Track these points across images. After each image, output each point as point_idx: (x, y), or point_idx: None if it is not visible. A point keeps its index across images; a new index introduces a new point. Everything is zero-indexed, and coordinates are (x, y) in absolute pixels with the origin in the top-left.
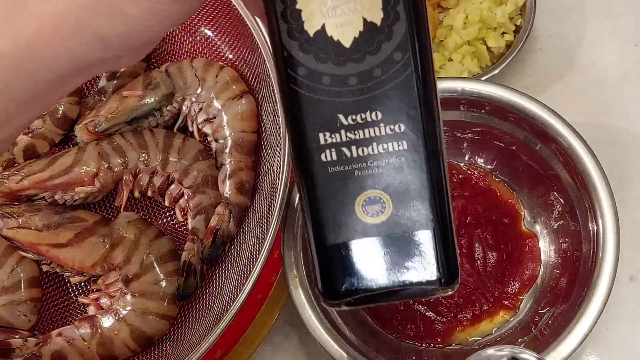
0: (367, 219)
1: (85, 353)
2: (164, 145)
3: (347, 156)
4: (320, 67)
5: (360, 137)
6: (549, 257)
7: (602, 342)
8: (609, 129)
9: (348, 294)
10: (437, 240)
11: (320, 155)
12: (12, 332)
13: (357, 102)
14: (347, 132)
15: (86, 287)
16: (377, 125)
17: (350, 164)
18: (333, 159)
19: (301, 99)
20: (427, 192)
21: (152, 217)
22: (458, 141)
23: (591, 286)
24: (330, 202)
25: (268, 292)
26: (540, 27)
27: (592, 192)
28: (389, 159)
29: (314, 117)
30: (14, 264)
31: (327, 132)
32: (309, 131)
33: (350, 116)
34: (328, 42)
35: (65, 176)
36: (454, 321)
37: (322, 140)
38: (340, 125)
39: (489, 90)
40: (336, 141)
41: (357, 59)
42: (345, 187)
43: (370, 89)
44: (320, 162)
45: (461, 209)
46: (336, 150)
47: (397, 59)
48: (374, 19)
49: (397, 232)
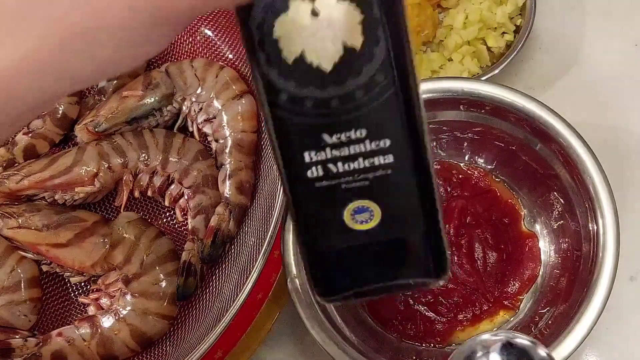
0: (356, 227)
1: (85, 353)
2: (164, 145)
3: (333, 172)
4: (302, 92)
5: (345, 154)
6: (549, 257)
7: (602, 342)
8: (609, 129)
9: (340, 292)
10: (426, 240)
11: (306, 173)
12: (12, 332)
13: (340, 122)
14: (332, 150)
15: (86, 287)
16: (362, 142)
17: (337, 178)
18: (319, 175)
19: (284, 121)
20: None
21: (152, 217)
22: (458, 141)
23: (591, 286)
24: (319, 215)
25: (268, 292)
26: (540, 27)
27: (592, 192)
28: (376, 171)
29: (299, 138)
30: (14, 264)
31: (312, 151)
32: (294, 151)
33: (334, 135)
34: (308, 68)
35: (65, 176)
36: (454, 321)
37: (307, 159)
38: (324, 144)
39: (489, 90)
40: (321, 159)
41: (338, 82)
42: (333, 199)
43: (354, 110)
44: (306, 179)
45: (461, 209)
46: (322, 167)
47: (379, 80)
48: (353, 44)
49: (387, 236)
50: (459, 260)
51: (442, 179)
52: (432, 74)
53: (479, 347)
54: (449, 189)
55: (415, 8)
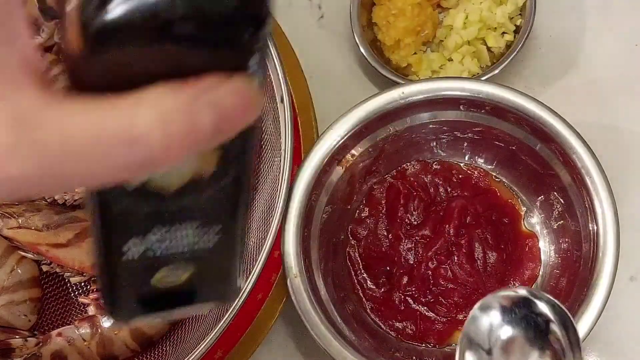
0: (163, 286)
1: (85, 353)
2: None
3: (152, 255)
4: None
5: (169, 242)
6: (549, 257)
7: (602, 342)
8: (609, 129)
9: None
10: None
11: (122, 256)
12: (12, 332)
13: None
14: (157, 239)
15: (86, 287)
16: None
17: (154, 259)
18: (136, 257)
19: (110, 215)
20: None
21: None
22: (458, 141)
23: (591, 286)
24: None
25: (268, 292)
26: (540, 27)
27: (592, 192)
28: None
29: (121, 231)
30: (14, 264)
31: (135, 240)
32: (113, 240)
33: (164, 229)
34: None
35: None
36: (454, 321)
37: (126, 247)
38: (150, 236)
39: (489, 90)
40: (143, 246)
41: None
42: (144, 270)
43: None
44: (119, 261)
45: (461, 209)
46: (142, 252)
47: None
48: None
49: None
50: (459, 260)
51: (442, 179)
52: (432, 74)
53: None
54: (449, 189)
55: (415, 8)
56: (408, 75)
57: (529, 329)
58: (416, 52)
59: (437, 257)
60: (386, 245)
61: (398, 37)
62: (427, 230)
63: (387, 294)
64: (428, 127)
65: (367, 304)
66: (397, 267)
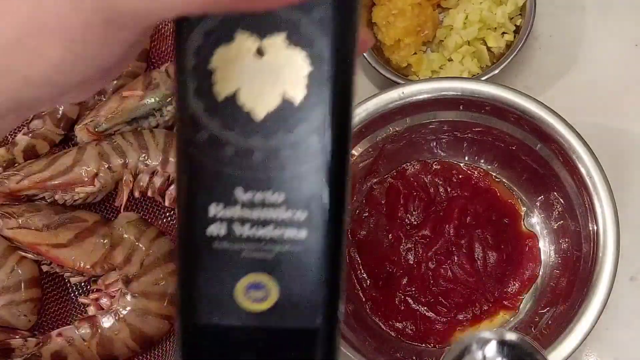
0: (246, 305)
1: (85, 353)
2: (164, 145)
3: (237, 234)
4: (225, 134)
5: (255, 217)
6: (549, 257)
7: (602, 342)
8: (609, 129)
9: None
10: (320, 341)
11: (207, 228)
12: (12, 332)
13: (259, 179)
14: (242, 209)
15: (86, 287)
16: (277, 208)
17: (240, 242)
18: (220, 234)
19: (197, 164)
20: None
21: (152, 217)
22: (458, 141)
23: (591, 286)
24: (208, 280)
25: None
26: (540, 27)
27: (592, 192)
28: (284, 245)
29: (208, 186)
30: (14, 264)
31: (220, 204)
32: (200, 200)
33: (249, 192)
34: (238, 110)
35: (65, 176)
36: (454, 321)
37: (212, 212)
38: (235, 200)
39: (489, 90)
40: (227, 216)
41: (266, 135)
42: (229, 267)
43: (276, 168)
44: (204, 236)
45: (461, 209)
46: (226, 226)
47: (310, 144)
48: (293, 96)
49: (278, 324)
50: (459, 260)
51: (442, 179)
52: (432, 74)
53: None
54: (449, 189)
55: (415, 8)
56: (408, 75)
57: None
58: (416, 52)
59: (437, 257)
60: (386, 245)
61: (398, 37)
62: (427, 231)
63: (387, 294)
64: (428, 127)
65: (367, 304)
66: (397, 267)
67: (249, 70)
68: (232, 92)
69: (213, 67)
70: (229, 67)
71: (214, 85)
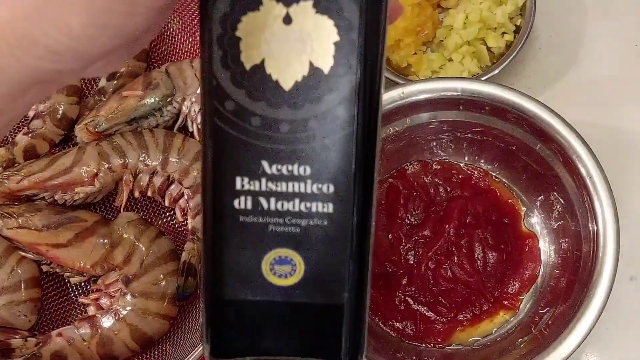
0: (273, 280)
1: (85, 353)
2: (164, 145)
3: (264, 208)
4: (251, 105)
5: (281, 190)
6: (549, 257)
7: (602, 342)
8: (609, 129)
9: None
10: (347, 317)
11: (233, 201)
12: (12, 332)
13: (285, 151)
14: (268, 182)
15: (86, 287)
16: (303, 181)
17: (266, 216)
18: (247, 207)
19: (223, 135)
20: (345, 266)
21: (152, 217)
22: (458, 141)
23: (591, 286)
24: (234, 254)
25: None
26: (540, 27)
27: (592, 192)
28: (310, 220)
29: (234, 158)
30: (14, 264)
31: (246, 177)
32: (226, 172)
33: (275, 165)
34: (265, 80)
35: (65, 176)
36: (454, 321)
37: (238, 185)
38: (261, 173)
39: (489, 90)
40: (254, 189)
41: (294, 105)
42: (255, 241)
43: (303, 140)
44: (231, 208)
45: (461, 209)
46: (252, 199)
47: (339, 114)
48: (321, 65)
49: (304, 300)
50: (459, 260)
51: (442, 179)
52: (432, 74)
53: None
54: (449, 189)
55: (415, 8)
56: (408, 75)
57: None
58: (416, 52)
59: (437, 257)
60: (386, 245)
61: (398, 37)
62: (427, 231)
63: (387, 294)
64: (428, 127)
65: None
66: (397, 267)
67: (277, 38)
68: (260, 61)
69: (240, 35)
70: (256, 35)
71: (240, 54)
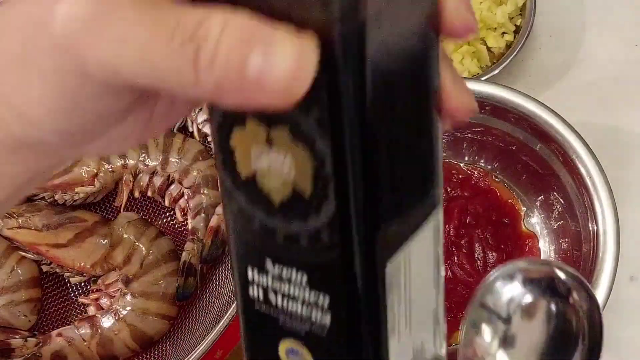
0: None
1: (85, 353)
2: (164, 145)
3: (273, 302)
4: (250, 209)
5: (284, 291)
6: (549, 257)
7: (602, 342)
8: (609, 129)
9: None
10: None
11: (248, 289)
12: (12, 332)
13: (284, 256)
14: (273, 279)
15: (86, 287)
16: (302, 287)
17: (275, 310)
18: (260, 298)
19: (234, 228)
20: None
21: (152, 217)
22: (458, 141)
23: (591, 286)
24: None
25: None
26: (540, 27)
27: (592, 192)
28: (312, 326)
29: (245, 250)
30: (14, 264)
31: (255, 269)
32: (241, 261)
33: (277, 265)
34: (258, 191)
35: (65, 176)
36: (454, 321)
37: (249, 276)
38: (266, 270)
39: (489, 90)
40: (262, 283)
41: (284, 219)
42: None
43: (297, 252)
44: (247, 296)
45: (461, 209)
46: (263, 292)
47: (323, 238)
48: (302, 190)
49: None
50: (459, 260)
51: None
52: None
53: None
54: (449, 189)
55: None
56: None
57: (550, 298)
58: None
59: None
60: None
61: None
62: None
63: None
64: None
65: None
66: None
67: (263, 156)
68: (251, 173)
69: (233, 146)
70: (246, 149)
71: (236, 163)
